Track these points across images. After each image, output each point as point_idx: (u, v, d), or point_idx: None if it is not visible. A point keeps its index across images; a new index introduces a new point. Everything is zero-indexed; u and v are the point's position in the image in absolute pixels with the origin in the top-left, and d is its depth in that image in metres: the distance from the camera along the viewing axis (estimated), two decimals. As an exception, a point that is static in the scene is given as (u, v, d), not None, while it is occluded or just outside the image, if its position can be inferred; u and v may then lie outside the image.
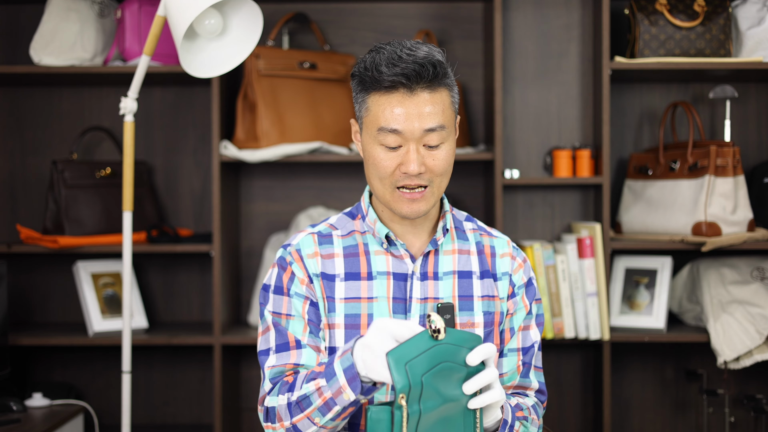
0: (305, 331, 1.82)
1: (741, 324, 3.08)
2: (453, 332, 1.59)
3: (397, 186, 1.79)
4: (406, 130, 1.75)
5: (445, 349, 1.57)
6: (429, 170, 1.78)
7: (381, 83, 1.74)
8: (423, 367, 1.55)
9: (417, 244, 1.89)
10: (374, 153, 1.79)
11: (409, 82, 1.73)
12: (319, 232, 1.90)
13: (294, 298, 1.84)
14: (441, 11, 3.48)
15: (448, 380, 1.58)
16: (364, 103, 1.80)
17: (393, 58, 1.73)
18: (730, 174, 3.07)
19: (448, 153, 1.79)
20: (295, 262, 1.85)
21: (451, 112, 1.80)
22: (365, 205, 1.91)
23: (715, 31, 3.15)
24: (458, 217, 1.97)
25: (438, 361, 1.57)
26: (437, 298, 1.85)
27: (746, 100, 3.45)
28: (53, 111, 3.50)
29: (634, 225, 3.30)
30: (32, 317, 3.53)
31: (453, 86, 1.81)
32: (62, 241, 3.14)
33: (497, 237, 1.96)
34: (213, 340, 3.18)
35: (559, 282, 3.15)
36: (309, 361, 1.81)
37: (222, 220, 3.20)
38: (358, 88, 1.81)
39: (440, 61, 1.76)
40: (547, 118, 3.46)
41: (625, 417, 3.49)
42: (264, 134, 3.17)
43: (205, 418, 3.53)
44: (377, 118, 1.76)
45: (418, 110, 1.74)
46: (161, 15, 2.63)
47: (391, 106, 1.75)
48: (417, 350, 1.55)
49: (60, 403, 3.19)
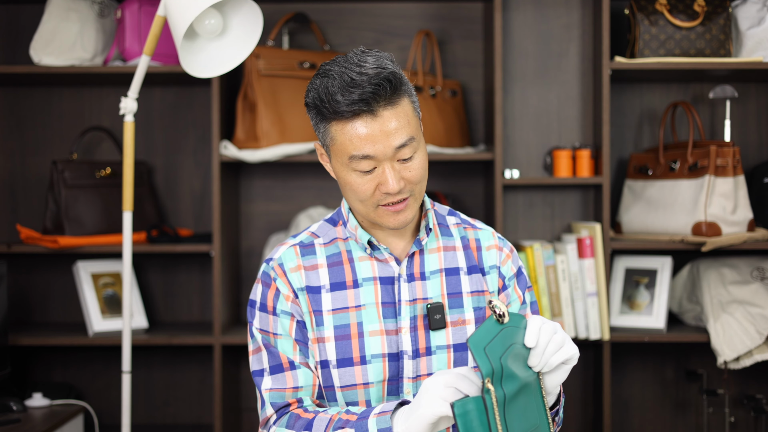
0: (295, 350, 1.80)
1: (741, 324, 3.08)
2: (512, 315, 1.62)
3: (378, 205, 1.76)
4: (378, 152, 1.71)
5: (510, 331, 1.60)
6: (407, 182, 1.75)
7: (341, 114, 1.69)
8: (499, 350, 1.57)
9: (401, 246, 1.87)
10: (350, 180, 1.75)
11: (369, 107, 1.68)
12: (301, 242, 1.87)
13: (281, 317, 1.81)
14: (441, 11, 3.48)
15: (519, 362, 1.60)
16: (327, 133, 1.74)
17: (345, 82, 1.68)
18: (730, 174, 3.06)
19: (422, 160, 1.76)
20: (279, 277, 1.83)
21: (415, 119, 1.76)
22: (345, 211, 1.88)
23: (715, 31, 3.14)
24: (440, 212, 1.94)
25: (509, 343, 1.59)
26: (426, 298, 1.83)
27: (746, 100, 3.45)
28: (53, 111, 3.50)
29: (634, 225, 3.30)
30: (32, 317, 3.52)
31: (410, 91, 1.77)
32: (62, 241, 3.14)
33: (482, 229, 1.93)
34: (213, 340, 3.18)
35: (559, 282, 3.14)
36: (306, 381, 1.79)
37: (222, 220, 3.19)
38: (317, 118, 1.76)
39: (393, 72, 1.70)
40: (547, 118, 3.46)
41: (625, 417, 3.49)
42: (264, 134, 3.17)
43: (206, 418, 3.52)
44: (345, 147, 1.72)
45: (384, 130, 1.70)
46: (161, 15, 2.63)
47: (357, 133, 1.70)
48: (490, 335, 1.57)
49: (60, 403, 3.19)
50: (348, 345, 1.79)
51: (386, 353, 1.79)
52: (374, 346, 1.79)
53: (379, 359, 1.79)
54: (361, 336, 1.79)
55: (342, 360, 1.79)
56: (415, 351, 1.80)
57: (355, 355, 1.79)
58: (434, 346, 1.80)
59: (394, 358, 1.79)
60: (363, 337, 1.79)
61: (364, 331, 1.79)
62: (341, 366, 1.79)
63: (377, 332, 1.80)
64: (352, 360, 1.79)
